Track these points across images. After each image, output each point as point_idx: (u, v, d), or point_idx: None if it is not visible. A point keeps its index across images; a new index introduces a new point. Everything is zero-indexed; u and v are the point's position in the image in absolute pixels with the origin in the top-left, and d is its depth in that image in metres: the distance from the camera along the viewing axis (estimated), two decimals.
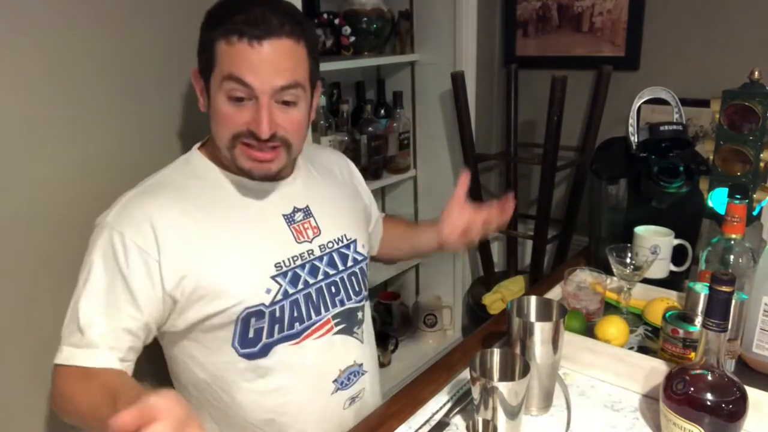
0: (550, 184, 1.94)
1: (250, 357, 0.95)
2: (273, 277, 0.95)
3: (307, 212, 1.03)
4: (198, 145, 1.03)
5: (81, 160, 1.13)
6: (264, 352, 0.95)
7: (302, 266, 0.99)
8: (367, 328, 1.12)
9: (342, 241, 1.06)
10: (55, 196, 1.11)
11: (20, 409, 1.10)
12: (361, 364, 1.06)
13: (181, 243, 0.90)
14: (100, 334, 0.86)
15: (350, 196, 1.16)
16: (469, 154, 2.04)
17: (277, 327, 0.96)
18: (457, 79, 1.95)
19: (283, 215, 1.00)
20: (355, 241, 1.08)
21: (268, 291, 0.94)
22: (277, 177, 1.00)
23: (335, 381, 1.02)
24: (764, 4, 1.71)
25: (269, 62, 0.88)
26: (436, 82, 2.10)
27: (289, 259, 0.98)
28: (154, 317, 0.90)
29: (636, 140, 1.28)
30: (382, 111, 2.12)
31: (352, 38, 1.82)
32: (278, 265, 0.96)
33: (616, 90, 1.95)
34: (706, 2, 1.81)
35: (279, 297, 0.95)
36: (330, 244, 1.04)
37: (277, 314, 0.95)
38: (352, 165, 1.24)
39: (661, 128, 1.25)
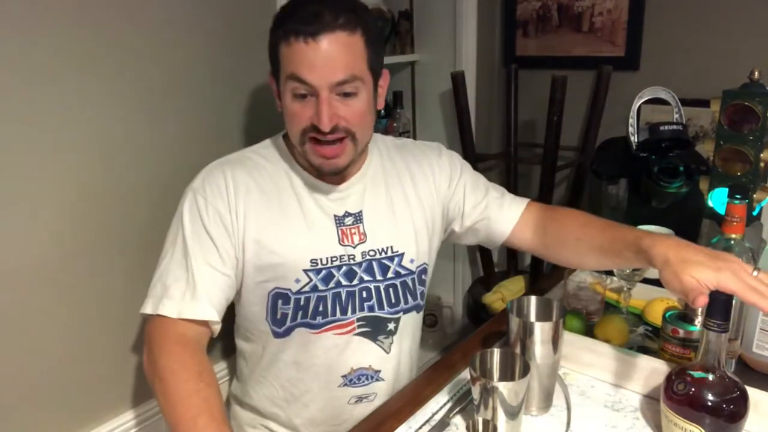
0: (550, 184, 1.94)
1: (276, 335, 1.04)
2: (305, 271, 1.00)
3: (358, 218, 1.05)
4: (283, 132, 1.08)
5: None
6: (287, 332, 1.03)
7: (338, 267, 1.02)
8: (403, 343, 1.10)
9: (386, 252, 1.06)
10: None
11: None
12: (379, 371, 1.07)
13: (244, 214, 0.99)
14: (203, 286, 0.94)
15: (417, 205, 1.10)
16: (469, 154, 2.04)
17: (300, 313, 1.02)
18: (457, 79, 1.95)
19: (335, 215, 1.03)
20: (402, 254, 1.07)
21: (297, 281, 1.00)
22: (344, 172, 1.02)
23: (344, 376, 1.05)
24: (764, 4, 1.71)
25: (326, 58, 0.90)
26: (436, 82, 2.10)
27: (327, 259, 1.01)
28: (236, 273, 0.99)
29: (636, 140, 1.28)
30: (382, 111, 2.12)
31: None
32: (314, 261, 1.01)
33: (616, 90, 1.95)
34: (706, 2, 1.81)
35: (307, 289, 1.01)
36: (372, 253, 1.05)
37: (302, 303, 1.01)
38: (446, 167, 1.14)
39: (661, 128, 1.25)
